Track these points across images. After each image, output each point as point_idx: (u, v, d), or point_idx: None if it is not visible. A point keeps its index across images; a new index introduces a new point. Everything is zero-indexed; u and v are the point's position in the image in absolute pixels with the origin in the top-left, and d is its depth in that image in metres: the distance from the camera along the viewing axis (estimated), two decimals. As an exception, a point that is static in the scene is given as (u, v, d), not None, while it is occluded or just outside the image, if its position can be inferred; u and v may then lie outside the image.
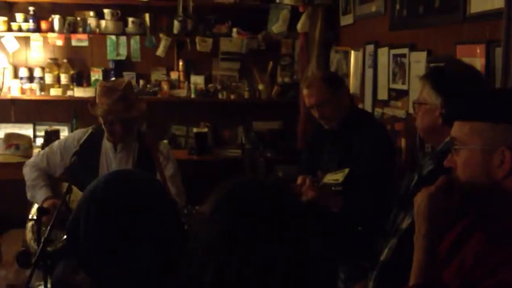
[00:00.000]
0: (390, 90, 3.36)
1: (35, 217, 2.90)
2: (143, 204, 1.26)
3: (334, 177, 2.66)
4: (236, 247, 0.90)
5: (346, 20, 4.34)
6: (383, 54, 3.46)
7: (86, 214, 1.25)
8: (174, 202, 1.37)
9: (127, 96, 3.10)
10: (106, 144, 3.22)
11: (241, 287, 0.89)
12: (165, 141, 4.11)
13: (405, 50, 3.10)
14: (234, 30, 5.22)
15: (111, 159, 3.21)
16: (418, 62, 2.93)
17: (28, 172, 3.25)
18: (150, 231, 1.23)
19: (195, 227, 0.97)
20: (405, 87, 3.11)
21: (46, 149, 3.38)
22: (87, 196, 1.29)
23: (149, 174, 2.11)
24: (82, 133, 3.29)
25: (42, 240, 2.53)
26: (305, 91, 2.95)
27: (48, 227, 2.55)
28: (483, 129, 1.40)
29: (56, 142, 3.40)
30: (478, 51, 2.34)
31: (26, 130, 5.14)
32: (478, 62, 2.29)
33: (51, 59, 5.20)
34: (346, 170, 2.61)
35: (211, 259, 0.91)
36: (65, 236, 2.89)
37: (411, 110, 2.94)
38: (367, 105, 3.78)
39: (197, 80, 5.31)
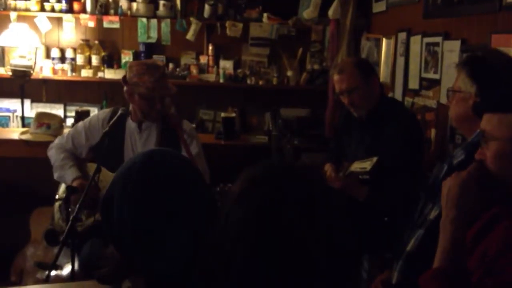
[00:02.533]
0: (421, 79, 3.31)
1: (63, 197, 2.94)
2: (178, 184, 1.25)
3: (362, 166, 2.64)
4: (266, 230, 0.90)
5: (379, 7, 4.28)
6: (416, 43, 3.41)
7: (121, 192, 1.25)
8: (206, 182, 1.37)
9: (165, 74, 3.16)
10: (131, 125, 3.24)
11: (270, 269, 0.89)
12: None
13: (438, 39, 3.04)
14: (265, 15, 5.19)
15: (136, 139, 3.23)
16: (451, 51, 2.88)
17: (54, 154, 3.27)
18: (184, 210, 1.23)
19: (225, 207, 0.97)
20: (437, 76, 3.06)
21: (70, 130, 3.40)
22: (122, 174, 1.29)
23: (182, 154, 2.10)
24: (106, 113, 3.32)
25: (70, 219, 2.57)
26: (336, 77, 2.92)
27: (77, 206, 2.58)
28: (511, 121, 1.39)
29: (80, 123, 3.41)
30: (513, 41, 2.29)
31: (57, 110, 5.23)
32: (514, 53, 2.24)
33: (82, 40, 5.26)
34: (375, 159, 2.59)
35: (241, 241, 0.91)
36: (91, 218, 2.94)
37: (442, 100, 2.90)
38: (398, 94, 3.73)
39: (226, 65, 5.31)
